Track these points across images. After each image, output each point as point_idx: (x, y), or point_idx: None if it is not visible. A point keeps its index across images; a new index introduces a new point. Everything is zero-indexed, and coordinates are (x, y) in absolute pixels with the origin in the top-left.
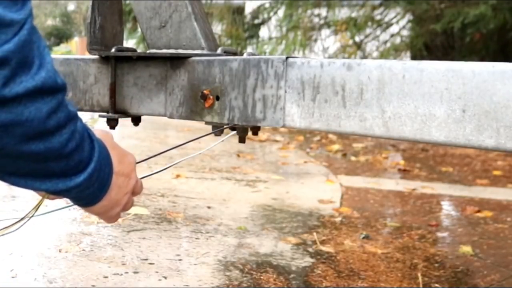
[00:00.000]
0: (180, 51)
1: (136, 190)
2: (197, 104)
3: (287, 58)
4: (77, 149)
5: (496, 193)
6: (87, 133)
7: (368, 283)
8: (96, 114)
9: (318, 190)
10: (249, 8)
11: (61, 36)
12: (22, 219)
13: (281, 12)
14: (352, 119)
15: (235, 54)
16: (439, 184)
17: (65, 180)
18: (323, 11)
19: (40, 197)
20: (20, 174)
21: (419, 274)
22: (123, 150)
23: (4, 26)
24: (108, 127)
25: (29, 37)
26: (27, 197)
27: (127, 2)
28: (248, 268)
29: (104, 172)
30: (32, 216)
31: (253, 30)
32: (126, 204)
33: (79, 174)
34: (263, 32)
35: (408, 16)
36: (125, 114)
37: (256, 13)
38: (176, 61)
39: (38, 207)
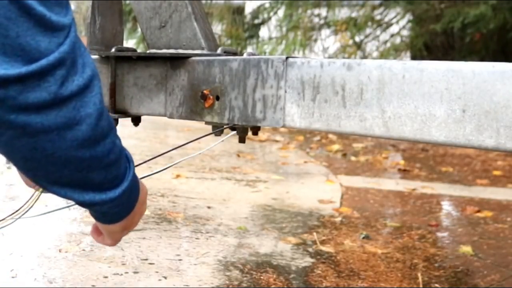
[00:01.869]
0: (180, 51)
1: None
2: (197, 104)
3: (287, 58)
4: (115, 162)
5: (496, 193)
6: (124, 151)
7: (368, 283)
8: None
9: (318, 190)
10: (249, 8)
11: None
12: (15, 212)
13: (281, 12)
14: (352, 119)
15: (235, 54)
16: (439, 184)
17: (101, 193)
18: (323, 11)
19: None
20: (62, 184)
21: (419, 274)
22: (142, 182)
23: (59, 30)
24: None
25: (76, 38)
26: (27, 197)
27: (127, 2)
28: (248, 268)
29: (134, 194)
30: (27, 211)
31: (253, 30)
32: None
33: (114, 189)
34: (263, 32)
35: (408, 16)
36: (125, 114)
37: (256, 13)
38: (176, 61)
39: (33, 204)
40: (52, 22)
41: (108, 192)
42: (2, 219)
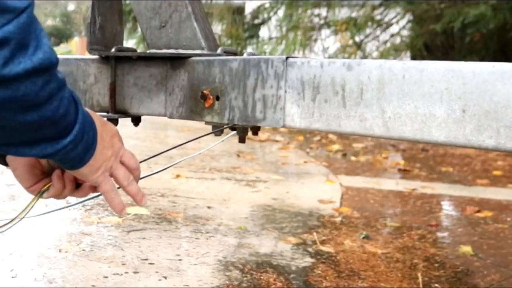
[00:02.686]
0: (180, 51)
1: (126, 160)
2: (197, 104)
3: (287, 58)
4: (65, 114)
5: (496, 193)
6: (71, 97)
7: (368, 283)
8: None
9: (318, 190)
10: (249, 8)
11: (61, 36)
12: (13, 219)
13: (281, 12)
14: (352, 119)
15: (235, 54)
16: (439, 184)
17: (53, 143)
18: (323, 11)
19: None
20: (13, 143)
21: (419, 274)
22: (102, 118)
23: (7, 12)
24: None
25: (28, 20)
26: (27, 197)
27: (127, 2)
28: (248, 268)
29: (88, 135)
30: (23, 217)
31: (253, 30)
32: (116, 171)
33: (66, 136)
34: (263, 32)
35: (408, 16)
36: (125, 114)
37: (256, 13)
38: (176, 61)
39: (31, 208)
40: (3, 3)
41: (61, 140)
42: (2, 225)
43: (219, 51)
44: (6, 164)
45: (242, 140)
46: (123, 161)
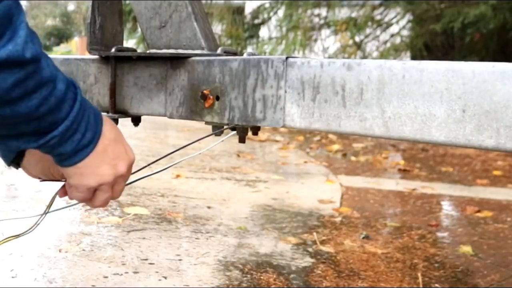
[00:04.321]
0: (180, 51)
1: (116, 190)
2: (197, 104)
3: (287, 58)
4: (50, 111)
5: (496, 193)
6: (72, 95)
7: (368, 283)
8: None
9: (318, 190)
10: (249, 8)
11: (61, 36)
12: (36, 222)
13: (281, 12)
14: (352, 119)
15: (235, 54)
16: (439, 184)
17: (37, 138)
18: (323, 11)
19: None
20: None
21: (419, 274)
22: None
23: None
24: None
25: (6, 10)
26: (27, 197)
27: (127, 2)
28: (248, 268)
29: (83, 136)
30: (45, 214)
31: (253, 30)
32: (101, 190)
33: (50, 132)
34: (263, 32)
35: (408, 16)
36: (125, 114)
37: (256, 13)
38: (176, 61)
39: (50, 205)
40: None
41: (45, 135)
42: (20, 233)
43: (219, 51)
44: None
45: (242, 140)
46: (114, 189)
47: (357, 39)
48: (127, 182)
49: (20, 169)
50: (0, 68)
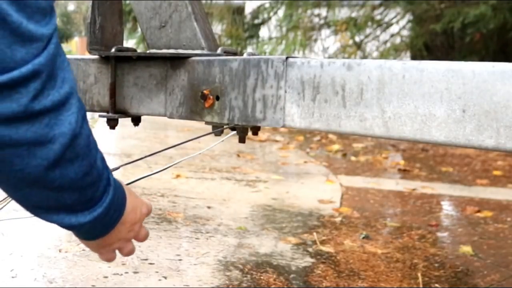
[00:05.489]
0: (180, 51)
1: (139, 238)
2: (197, 104)
3: (287, 58)
4: (92, 185)
5: (496, 193)
6: (106, 175)
7: (368, 283)
8: (96, 114)
9: (318, 190)
10: (249, 8)
11: (61, 36)
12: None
13: (281, 12)
14: (352, 119)
15: (235, 54)
16: (439, 184)
17: (71, 216)
18: (323, 11)
19: None
20: (31, 202)
21: (419, 274)
22: (140, 201)
23: (36, 41)
24: (108, 127)
25: (56, 50)
26: None
27: (127, 2)
28: (248, 268)
29: (111, 218)
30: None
31: (253, 30)
32: (121, 249)
33: (86, 212)
34: (263, 32)
35: (408, 16)
36: (125, 114)
37: (256, 13)
38: (176, 61)
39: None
40: (29, 31)
41: (80, 214)
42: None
43: (219, 51)
44: None
45: (242, 140)
46: (136, 238)
47: (357, 39)
48: (127, 182)
49: None
50: (61, 112)
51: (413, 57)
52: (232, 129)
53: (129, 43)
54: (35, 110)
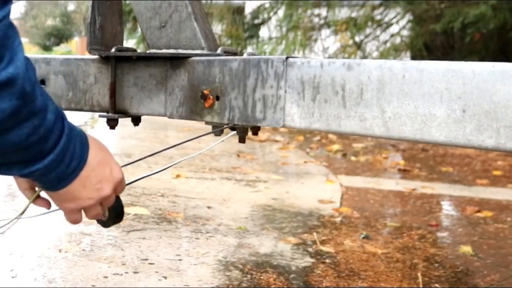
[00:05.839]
0: (180, 51)
1: (108, 202)
2: (197, 104)
3: (287, 58)
4: (38, 141)
5: (496, 193)
6: (59, 125)
7: (368, 283)
8: (96, 114)
9: (318, 190)
10: (249, 8)
11: (61, 36)
12: (8, 223)
13: (281, 12)
14: (352, 119)
15: (235, 54)
16: (439, 184)
17: (20, 167)
18: (323, 11)
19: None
20: None
21: (419, 274)
22: (113, 161)
23: None
24: (108, 127)
25: (3, 33)
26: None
27: (127, 2)
28: (248, 268)
29: (67, 166)
30: (17, 219)
31: (253, 30)
32: (88, 209)
33: (35, 163)
34: (263, 32)
35: (408, 16)
36: (125, 114)
37: (256, 13)
38: (176, 61)
39: (23, 212)
40: None
41: (30, 166)
42: (2, 225)
43: (219, 51)
44: None
45: (242, 140)
46: (104, 205)
47: (357, 39)
48: (127, 182)
49: None
50: (2, 91)
51: (413, 57)
52: (232, 129)
53: (129, 43)
54: None
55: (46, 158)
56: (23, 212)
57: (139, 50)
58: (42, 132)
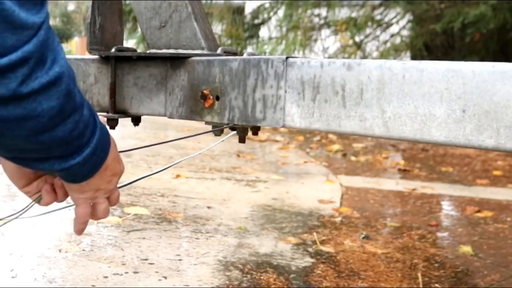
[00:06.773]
0: (180, 51)
1: (113, 199)
2: (197, 104)
3: (287, 58)
4: (78, 136)
5: (496, 193)
6: (92, 120)
7: (368, 283)
8: None
9: (318, 190)
10: (249, 8)
11: (61, 36)
12: (16, 212)
13: (281, 12)
14: (352, 119)
15: (235, 54)
16: (439, 184)
17: (61, 162)
18: (323, 11)
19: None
20: (23, 158)
21: (419, 274)
22: (117, 153)
23: (26, 29)
24: (108, 127)
25: (46, 36)
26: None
27: (127, 2)
28: (248, 268)
29: (96, 162)
30: (16, 217)
31: (253, 30)
32: (99, 203)
33: (74, 156)
34: (263, 32)
35: (408, 16)
36: (125, 114)
37: (256, 13)
38: (176, 61)
39: (26, 210)
40: (21, 19)
41: (70, 159)
42: (2, 220)
43: (219, 51)
44: None
45: (242, 140)
46: (110, 198)
47: (357, 39)
48: (127, 182)
49: None
50: (49, 91)
51: (413, 57)
52: (232, 129)
53: (129, 43)
54: (23, 93)
55: (84, 151)
56: (23, 212)
57: (139, 50)
58: (81, 127)
